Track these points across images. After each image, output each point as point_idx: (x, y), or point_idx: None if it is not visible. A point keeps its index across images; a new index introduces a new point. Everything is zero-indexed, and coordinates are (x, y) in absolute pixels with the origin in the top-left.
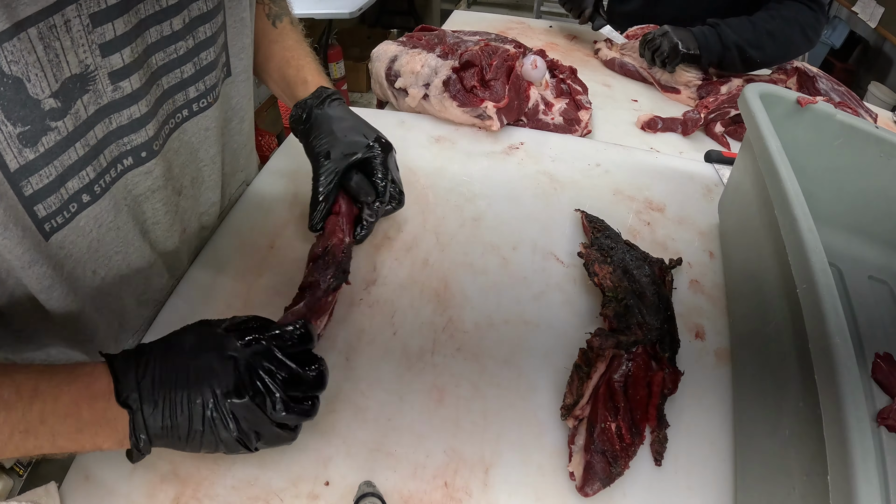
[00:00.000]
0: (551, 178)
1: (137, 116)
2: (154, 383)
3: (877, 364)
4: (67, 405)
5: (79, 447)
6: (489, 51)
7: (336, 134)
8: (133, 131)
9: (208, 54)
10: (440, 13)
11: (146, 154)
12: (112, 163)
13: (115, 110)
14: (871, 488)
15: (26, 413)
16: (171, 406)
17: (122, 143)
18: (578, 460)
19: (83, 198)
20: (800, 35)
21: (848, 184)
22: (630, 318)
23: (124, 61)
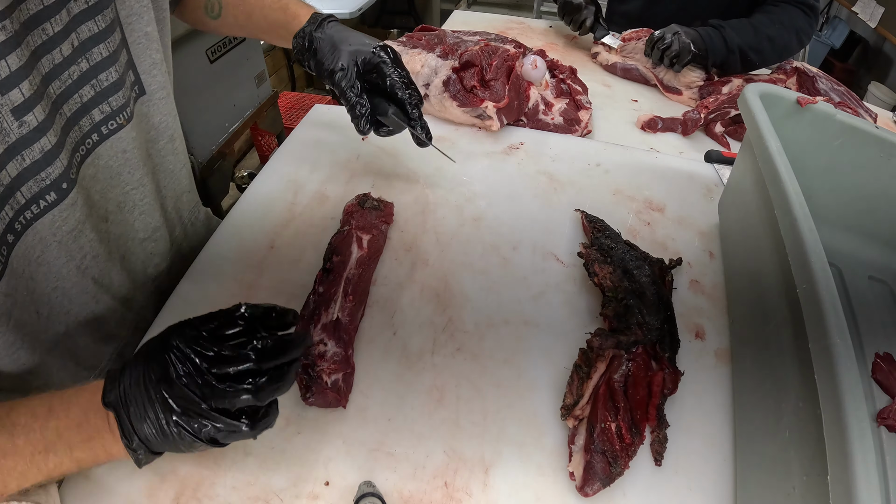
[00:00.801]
0: (551, 178)
1: (49, 148)
2: (128, 384)
3: (877, 364)
4: (78, 416)
5: (93, 456)
6: (489, 51)
7: (340, 47)
8: (48, 164)
9: (109, 75)
10: (440, 13)
11: (66, 185)
12: (32, 199)
13: (25, 146)
14: (871, 488)
15: (44, 432)
16: (137, 404)
17: (38, 178)
18: (578, 460)
19: (8, 238)
20: (795, 39)
21: (848, 184)
22: (630, 318)
23: (24, 95)
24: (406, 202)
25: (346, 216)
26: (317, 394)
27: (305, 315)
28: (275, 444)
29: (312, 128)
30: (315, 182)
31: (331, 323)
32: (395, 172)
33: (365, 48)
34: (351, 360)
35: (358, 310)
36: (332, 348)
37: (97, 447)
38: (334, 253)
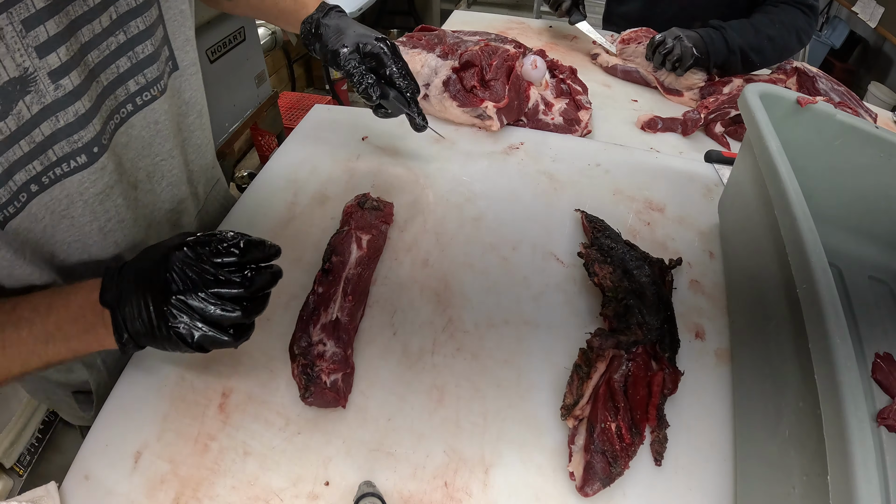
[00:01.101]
0: (551, 178)
1: (83, 112)
2: (125, 285)
3: (877, 364)
4: (75, 310)
5: (87, 346)
6: (489, 51)
7: (346, 32)
8: (81, 127)
9: (145, 48)
10: (440, 13)
11: (97, 150)
12: (63, 158)
13: (59, 108)
14: (871, 488)
15: (45, 325)
16: (131, 305)
17: (71, 140)
18: (578, 460)
19: (32, 187)
20: (795, 39)
21: (848, 184)
22: (630, 318)
23: (61, 60)
24: (406, 202)
25: (346, 216)
26: (316, 394)
27: (305, 315)
28: (275, 444)
29: (312, 128)
30: (315, 182)
31: (330, 323)
32: (395, 172)
33: (368, 37)
34: (350, 360)
35: (357, 310)
36: (332, 348)
37: (91, 339)
38: (334, 253)
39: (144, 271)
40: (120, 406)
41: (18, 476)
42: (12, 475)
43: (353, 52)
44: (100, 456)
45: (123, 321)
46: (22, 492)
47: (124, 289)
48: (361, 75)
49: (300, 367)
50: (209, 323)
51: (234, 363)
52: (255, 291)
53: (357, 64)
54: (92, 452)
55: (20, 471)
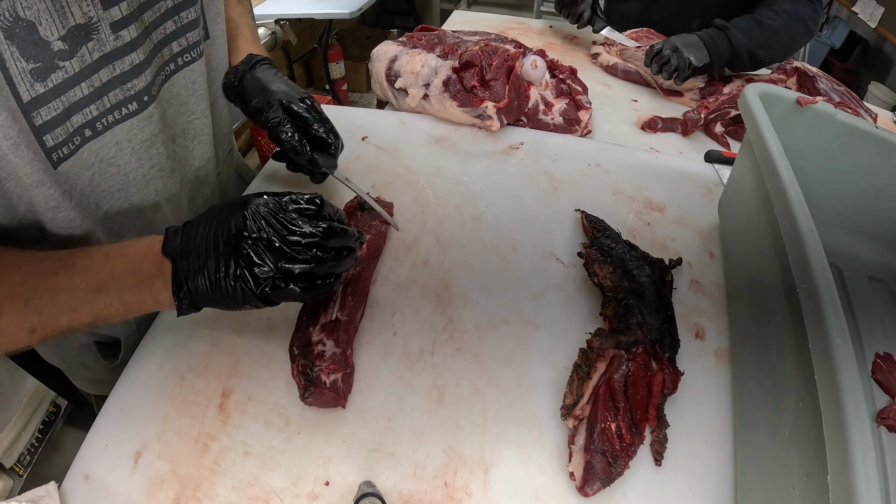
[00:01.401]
0: (551, 178)
1: (137, 63)
2: (191, 237)
3: (877, 364)
4: (132, 262)
5: (140, 301)
6: (489, 51)
7: (270, 88)
8: (135, 76)
9: (188, 13)
10: (440, 13)
11: (147, 98)
12: (116, 105)
13: (117, 57)
14: (871, 488)
15: (99, 273)
16: (199, 254)
17: (125, 87)
18: (578, 460)
19: (86, 132)
20: (802, 29)
21: (848, 184)
22: (630, 318)
23: (122, 13)
24: (406, 202)
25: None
26: (315, 394)
27: (304, 315)
28: (275, 444)
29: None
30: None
31: (330, 323)
32: (395, 172)
33: (292, 95)
34: (350, 360)
35: (357, 310)
36: (332, 348)
37: (146, 293)
38: None
39: (217, 217)
40: (120, 406)
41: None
42: (12, 475)
43: (277, 111)
44: (100, 456)
45: (185, 274)
46: (22, 492)
47: (191, 238)
48: (291, 133)
49: (300, 368)
50: (281, 272)
51: (234, 363)
52: (331, 243)
53: (280, 121)
54: (92, 452)
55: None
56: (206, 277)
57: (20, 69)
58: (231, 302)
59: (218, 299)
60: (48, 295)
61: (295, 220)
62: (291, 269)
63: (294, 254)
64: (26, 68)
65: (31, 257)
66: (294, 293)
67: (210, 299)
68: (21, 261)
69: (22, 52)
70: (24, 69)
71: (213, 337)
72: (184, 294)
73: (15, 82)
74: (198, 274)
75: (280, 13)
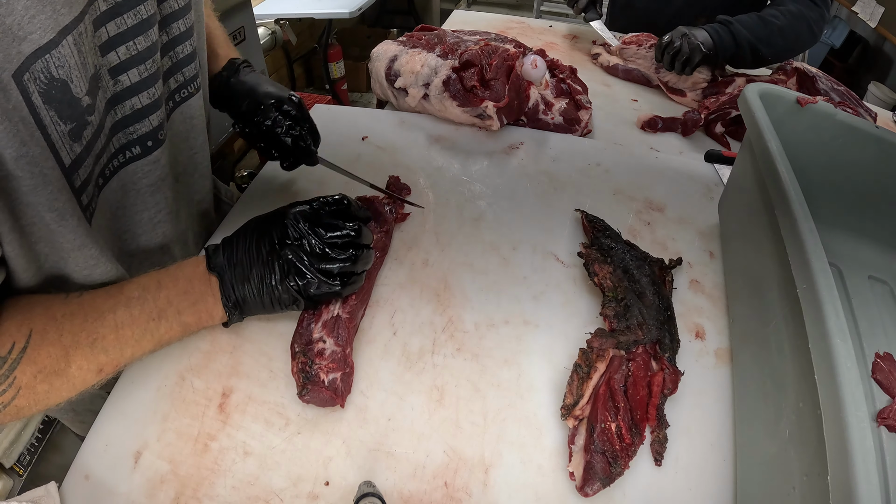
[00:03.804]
0: (551, 178)
1: (139, 107)
2: (233, 252)
3: (877, 364)
4: (184, 284)
5: (197, 319)
6: (489, 51)
7: (259, 91)
8: (136, 121)
9: (184, 48)
10: (440, 13)
11: (152, 143)
12: (120, 149)
13: (117, 102)
14: (871, 488)
15: (156, 301)
16: (243, 266)
17: (128, 132)
18: (578, 460)
19: (99, 181)
20: (807, 31)
21: (848, 184)
22: (630, 318)
23: (120, 58)
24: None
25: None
26: (313, 391)
27: (307, 313)
28: (275, 444)
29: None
30: (315, 182)
31: (331, 319)
32: (395, 172)
33: (282, 95)
34: (350, 359)
35: (359, 308)
36: (331, 346)
37: (201, 310)
38: None
39: (256, 230)
40: (120, 406)
41: (18, 476)
42: (12, 475)
43: (269, 115)
44: (100, 456)
45: (232, 286)
46: (22, 492)
47: (233, 252)
48: (287, 128)
49: (299, 365)
50: (322, 272)
51: (234, 363)
52: (363, 240)
53: (274, 125)
54: (92, 452)
55: (20, 471)
56: (252, 286)
57: (60, 133)
58: (278, 305)
59: (265, 305)
60: (112, 333)
61: (330, 223)
62: (331, 268)
63: (333, 255)
64: (65, 131)
65: (83, 300)
66: (336, 290)
67: (257, 306)
68: (73, 307)
69: (60, 115)
70: (63, 132)
71: (213, 337)
72: (232, 304)
73: (57, 147)
74: (244, 283)
75: (280, 13)
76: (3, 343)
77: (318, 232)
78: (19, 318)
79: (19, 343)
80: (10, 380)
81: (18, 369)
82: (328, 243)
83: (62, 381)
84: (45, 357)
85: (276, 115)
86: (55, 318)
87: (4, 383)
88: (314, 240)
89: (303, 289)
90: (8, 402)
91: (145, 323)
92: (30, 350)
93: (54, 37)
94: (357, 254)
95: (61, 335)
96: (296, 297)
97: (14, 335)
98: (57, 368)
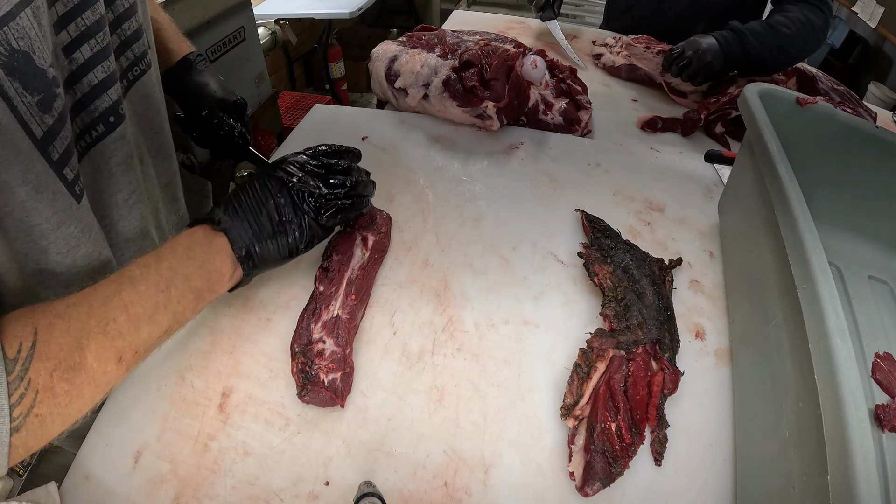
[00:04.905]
0: (551, 178)
1: (96, 83)
2: (236, 206)
3: (877, 364)
4: (184, 252)
5: (208, 282)
6: (489, 51)
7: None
8: (96, 97)
9: (131, 24)
10: (440, 13)
11: (114, 119)
12: (85, 129)
13: (75, 81)
14: (871, 488)
15: (160, 273)
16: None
17: (89, 110)
18: (578, 460)
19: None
20: (813, 38)
21: (848, 184)
22: (630, 318)
23: (71, 36)
24: (406, 202)
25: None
26: (312, 391)
27: (307, 313)
28: (275, 444)
29: (312, 128)
30: None
31: (331, 320)
32: (395, 172)
33: (227, 98)
34: (349, 359)
35: (359, 309)
36: (331, 346)
37: (210, 271)
38: (334, 251)
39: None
40: (120, 406)
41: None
42: (12, 475)
43: (216, 109)
44: (100, 456)
45: (240, 234)
46: (22, 492)
47: (237, 206)
48: (231, 126)
49: (299, 365)
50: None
51: (234, 363)
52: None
53: (222, 124)
54: (92, 452)
55: (20, 471)
56: (264, 228)
57: (27, 104)
58: (293, 242)
59: (280, 247)
60: (122, 314)
61: (328, 162)
62: (338, 183)
63: (335, 180)
64: (32, 102)
65: (84, 292)
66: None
67: (270, 251)
68: (76, 298)
69: (25, 87)
70: (31, 104)
71: (213, 337)
72: (245, 254)
73: (26, 119)
74: (256, 227)
75: (280, 13)
76: (9, 345)
77: (317, 163)
78: (22, 320)
79: (27, 341)
80: (25, 382)
81: (32, 369)
82: (328, 168)
83: (82, 377)
84: (56, 350)
85: (221, 114)
86: (59, 312)
87: (20, 387)
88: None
89: (315, 211)
90: (27, 409)
91: (154, 296)
92: (39, 346)
93: (11, 9)
94: (357, 178)
95: (69, 326)
96: (310, 223)
97: (19, 334)
98: (73, 362)
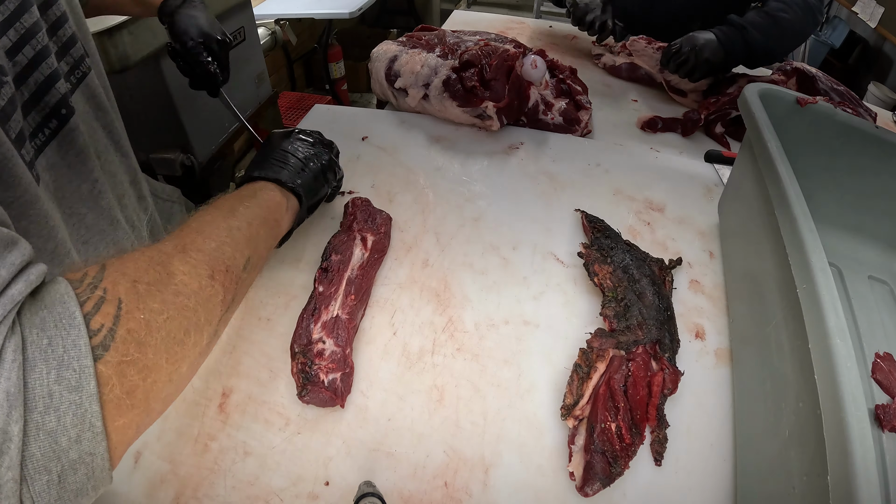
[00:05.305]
0: (551, 178)
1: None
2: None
3: (877, 364)
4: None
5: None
6: (489, 51)
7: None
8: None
9: (65, 30)
10: (440, 13)
11: (66, 111)
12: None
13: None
14: (871, 488)
15: (219, 208)
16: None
17: (39, 107)
18: (578, 460)
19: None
20: (811, 20)
21: (848, 184)
22: (630, 318)
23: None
24: (406, 202)
25: (350, 216)
26: (312, 392)
27: (306, 314)
28: (275, 444)
29: (312, 127)
30: None
31: (331, 320)
32: (395, 172)
33: (212, 34)
34: (349, 359)
35: (359, 309)
36: (331, 347)
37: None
38: (334, 252)
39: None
40: None
41: None
42: None
43: (200, 43)
44: None
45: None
46: None
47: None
48: (206, 63)
49: (299, 366)
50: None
51: (234, 363)
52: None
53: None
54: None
55: None
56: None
57: None
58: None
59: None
60: (198, 236)
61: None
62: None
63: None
64: None
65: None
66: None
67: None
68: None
69: None
70: None
71: None
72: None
73: None
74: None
75: (280, 13)
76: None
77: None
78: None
79: (93, 270)
80: (101, 290)
81: (107, 279)
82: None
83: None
84: (133, 268)
85: (202, 48)
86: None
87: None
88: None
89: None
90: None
91: (224, 220)
92: (110, 268)
93: None
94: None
95: (141, 254)
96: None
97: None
98: (155, 278)
